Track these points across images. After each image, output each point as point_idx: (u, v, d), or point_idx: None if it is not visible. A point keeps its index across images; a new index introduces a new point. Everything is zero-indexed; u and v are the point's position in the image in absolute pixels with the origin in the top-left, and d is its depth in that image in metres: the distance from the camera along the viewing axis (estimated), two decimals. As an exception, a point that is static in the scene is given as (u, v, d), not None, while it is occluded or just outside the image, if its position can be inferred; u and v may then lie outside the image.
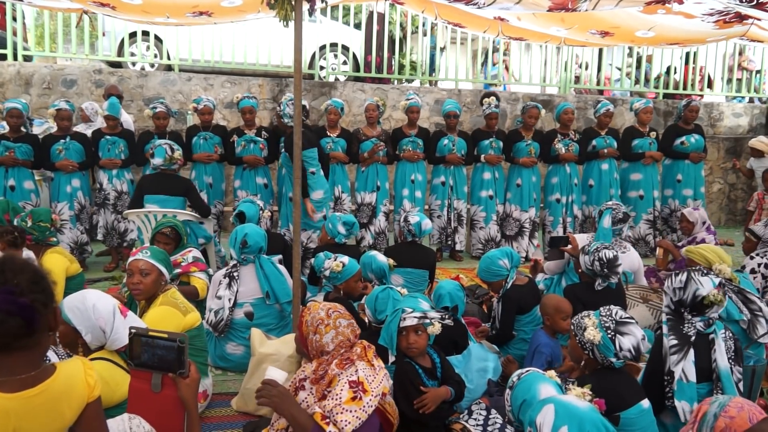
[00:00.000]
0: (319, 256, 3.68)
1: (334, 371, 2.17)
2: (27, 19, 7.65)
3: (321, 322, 2.27)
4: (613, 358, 2.27)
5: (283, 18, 3.34)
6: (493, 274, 3.56)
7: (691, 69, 9.64)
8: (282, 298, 3.54)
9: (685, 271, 2.55)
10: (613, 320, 2.30)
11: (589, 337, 2.30)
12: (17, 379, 1.43)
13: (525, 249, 6.38)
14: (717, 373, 2.46)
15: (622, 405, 2.19)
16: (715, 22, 4.30)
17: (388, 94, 8.22)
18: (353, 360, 2.20)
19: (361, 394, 2.09)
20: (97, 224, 5.69)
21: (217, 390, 3.25)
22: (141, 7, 4.31)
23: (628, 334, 2.27)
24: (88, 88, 7.30)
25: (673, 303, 2.56)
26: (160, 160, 4.78)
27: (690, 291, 2.49)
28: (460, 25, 5.53)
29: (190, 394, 1.74)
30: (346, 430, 2.01)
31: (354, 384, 2.11)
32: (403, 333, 2.58)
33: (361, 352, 2.25)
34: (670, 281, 2.57)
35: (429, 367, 2.64)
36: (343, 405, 2.05)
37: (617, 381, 2.28)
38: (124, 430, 1.69)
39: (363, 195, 6.08)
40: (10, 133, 5.45)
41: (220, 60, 7.96)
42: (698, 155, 6.49)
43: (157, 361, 1.71)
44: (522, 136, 6.35)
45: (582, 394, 1.87)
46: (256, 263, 3.59)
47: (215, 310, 3.49)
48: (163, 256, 3.03)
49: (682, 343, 2.46)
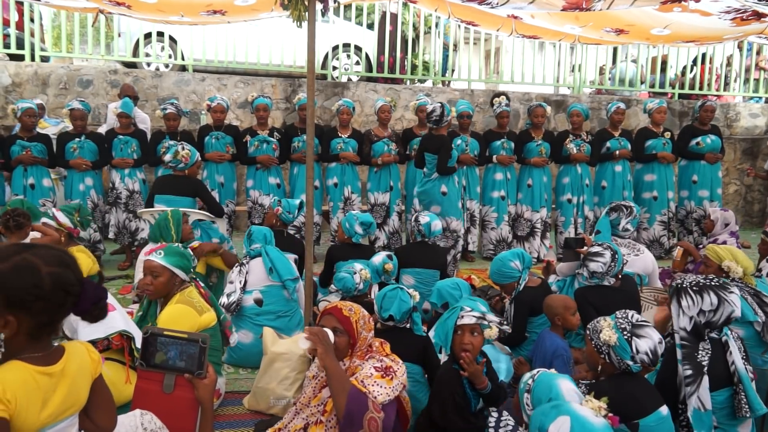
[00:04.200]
0: (348, 278, 3.57)
1: (356, 362, 2.25)
2: (44, 21, 7.76)
3: (366, 320, 2.39)
4: (630, 361, 2.21)
5: (296, 18, 3.35)
6: (505, 276, 3.53)
7: (707, 69, 9.52)
8: (284, 275, 3.63)
9: (709, 289, 2.39)
10: (630, 323, 2.25)
11: (605, 339, 2.25)
12: (41, 356, 1.50)
13: (536, 250, 6.34)
14: (738, 376, 2.40)
15: (642, 412, 2.13)
16: (732, 20, 4.24)
17: (400, 94, 8.21)
18: (373, 353, 2.29)
19: (391, 375, 2.19)
20: (109, 223, 5.75)
21: (229, 388, 3.26)
22: (156, 6, 4.34)
23: (645, 337, 2.21)
24: (103, 88, 7.37)
25: (694, 325, 2.41)
26: (170, 157, 4.82)
27: (724, 314, 2.38)
28: (473, 24, 5.50)
29: (207, 394, 1.72)
30: (378, 399, 2.11)
31: (380, 369, 2.20)
32: (458, 332, 2.51)
33: (379, 347, 2.33)
34: (694, 301, 2.40)
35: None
36: (375, 379, 2.15)
37: (635, 387, 2.22)
38: (136, 425, 1.69)
39: (376, 195, 6.07)
40: (23, 133, 5.53)
41: (233, 60, 8.01)
42: (714, 156, 6.40)
43: (174, 362, 1.67)
44: (532, 137, 6.31)
45: (598, 408, 1.83)
46: (263, 251, 3.72)
47: (228, 293, 3.64)
48: (178, 258, 2.93)
49: (696, 373, 2.37)
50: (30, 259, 1.45)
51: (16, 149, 5.42)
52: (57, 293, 1.46)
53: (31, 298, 1.43)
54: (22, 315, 1.44)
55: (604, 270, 3.30)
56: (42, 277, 1.44)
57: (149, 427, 1.72)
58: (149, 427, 1.72)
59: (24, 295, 1.42)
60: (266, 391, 3.00)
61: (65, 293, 1.48)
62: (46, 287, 1.44)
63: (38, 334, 1.50)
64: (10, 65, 7.18)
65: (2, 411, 1.39)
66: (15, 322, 1.43)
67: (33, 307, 1.44)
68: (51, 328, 1.53)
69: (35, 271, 1.44)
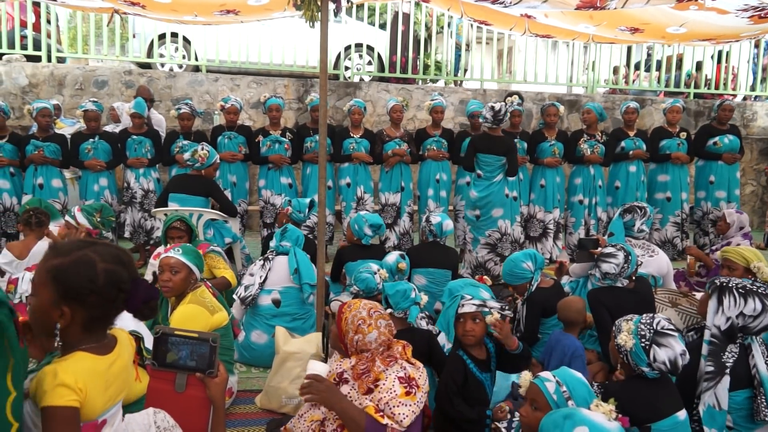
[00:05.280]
0: (370, 279, 3.55)
1: (380, 368, 2.21)
2: (60, 22, 7.85)
3: (363, 321, 2.30)
4: (646, 368, 2.17)
5: (309, 18, 3.35)
6: (517, 277, 3.50)
7: (723, 68, 9.40)
8: (305, 278, 3.65)
9: (756, 296, 2.37)
10: (652, 329, 2.19)
11: (621, 342, 2.23)
12: (98, 346, 1.60)
13: (549, 250, 6.30)
14: (759, 379, 2.37)
15: (654, 416, 2.10)
16: (750, 17, 4.18)
17: (412, 94, 8.20)
18: (396, 358, 2.24)
19: (414, 389, 2.14)
20: (125, 222, 5.81)
21: (241, 387, 3.27)
22: (170, 6, 4.37)
23: (666, 347, 2.15)
24: (118, 88, 7.45)
25: (730, 325, 2.40)
26: (188, 155, 4.86)
27: (763, 321, 2.36)
28: (486, 23, 5.47)
29: (219, 393, 1.74)
30: (404, 423, 2.06)
31: (404, 380, 2.15)
32: (460, 320, 2.58)
33: (402, 351, 2.29)
34: (736, 302, 2.39)
35: (483, 359, 2.63)
36: (399, 399, 2.09)
37: (651, 390, 2.19)
38: (149, 423, 1.70)
39: (387, 195, 6.07)
40: (39, 132, 5.60)
41: (246, 61, 8.05)
42: (732, 156, 6.30)
43: (185, 362, 1.69)
44: (545, 137, 6.27)
45: (609, 411, 1.80)
46: (291, 251, 3.73)
47: (246, 285, 3.67)
48: (195, 255, 3.01)
49: (717, 370, 2.35)
50: (89, 255, 1.54)
51: (29, 149, 5.49)
52: (110, 289, 1.54)
53: (85, 291, 1.51)
54: (77, 307, 1.52)
55: (616, 271, 3.27)
56: (97, 272, 1.52)
57: (162, 426, 1.73)
58: (162, 425, 1.73)
59: (79, 288, 1.51)
60: (278, 390, 3.01)
61: (117, 290, 1.55)
62: (100, 282, 1.52)
63: (92, 326, 1.58)
64: (27, 66, 7.27)
65: (75, 401, 1.47)
66: (69, 313, 1.51)
67: (87, 300, 1.52)
68: (104, 322, 1.62)
69: (92, 267, 1.52)
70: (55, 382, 1.46)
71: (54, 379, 1.46)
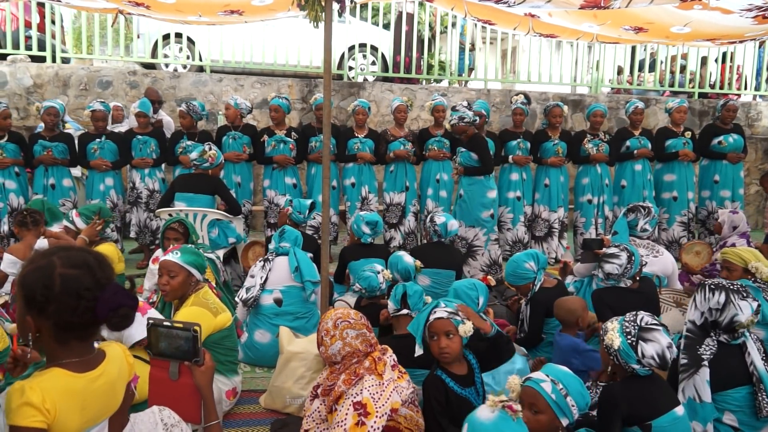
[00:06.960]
0: (373, 278, 3.59)
1: (341, 388, 2.14)
2: (65, 23, 7.89)
3: (327, 333, 2.25)
4: (636, 365, 2.18)
5: (313, 18, 3.36)
6: (519, 277, 3.50)
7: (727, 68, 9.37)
8: (306, 275, 3.64)
9: (723, 290, 2.41)
10: (636, 326, 2.22)
11: (608, 342, 2.24)
12: (81, 361, 1.51)
13: (554, 250, 6.29)
14: (757, 375, 2.39)
15: (653, 413, 2.12)
16: (754, 17, 4.17)
17: (416, 94, 8.20)
18: (360, 374, 2.14)
19: (363, 419, 2.05)
20: (130, 222, 5.83)
21: (245, 387, 3.28)
22: (174, 6, 4.39)
23: (652, 341, 2.18)
24: (122, 89, 7.47)
25: (704, 320, 2.45)
26: (196, 155, 4.86)
27: (728, 315, 2.39)
28: (490, 22, 5.47)
29: (205, 381, 1.78)
30: None
31: (358, 406, 2.07)
32: (434, 338, 2.45)
33: (370, 365, 2.18)
34: (705, 297, 2.44)
35: (464, 374, 2.49)
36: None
37: (648, 388, 2.20)
38: (155, 421, 1.72)
39: (392, 195, 6.07)
40: (46, 132, 5.62)
41: (250, 61, 8.06)
42: (737, 156, 6.28)
43: (173, 350, 1.78)
44: (549, 136, 6.26)
45: (494, 403, 1.80)
46: (291, 251, 3.72)
47: (247, 287, 3.66)
48: (194, 257, 2.97)
49: (691, 363, 2.39)
50: (52, 261, 1.45)
51: (37, 149, 5.51)
52: (67, 296, 1.42)
53: (42, 299, 1.42)
54: (37, 315, 1.43)
55: (619, 272, 3.26)
56: (53, 279, 1.42)
57: (168, 422, 1.75)
58: (168, 422, 1.75)
59: (36, 296, 1.42)
60: (282, 390, 3.02)
61: (77, 297, 1.43)
62: (57, 289, 1.42)
63: (62, 338, 1.47)
64: (31, 66, 7.30)
65: (41, 422, 1.38)
66: (32, 322, 1.43)
67: (47, 309, 1.42)
68: (76, 334, 1.49)
69: (48, 273, 1.43)
70: (21, 400, 1.38)
71: (20, 397, 1.38)
